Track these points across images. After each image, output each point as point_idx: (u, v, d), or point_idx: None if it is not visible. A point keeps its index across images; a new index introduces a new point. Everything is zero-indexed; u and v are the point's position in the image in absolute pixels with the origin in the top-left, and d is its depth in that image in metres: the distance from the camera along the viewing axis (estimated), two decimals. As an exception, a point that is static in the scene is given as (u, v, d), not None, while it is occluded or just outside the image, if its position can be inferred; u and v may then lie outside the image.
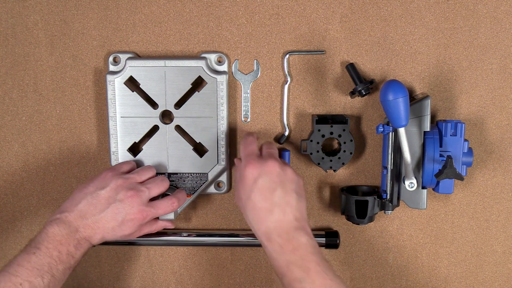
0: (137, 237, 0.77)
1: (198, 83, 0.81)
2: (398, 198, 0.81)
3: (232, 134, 0.85)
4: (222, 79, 0.80)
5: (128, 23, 0.83)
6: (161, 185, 0.77)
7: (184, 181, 0.83)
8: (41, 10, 0.83)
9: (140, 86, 0.81)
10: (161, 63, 0.80)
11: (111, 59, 0.82)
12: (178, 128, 0.82)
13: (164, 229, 0.82)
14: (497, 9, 0.81)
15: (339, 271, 0.88)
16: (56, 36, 0.83)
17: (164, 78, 0.80)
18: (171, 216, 0.79)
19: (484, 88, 0.82)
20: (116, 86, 0.80)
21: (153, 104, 0.82)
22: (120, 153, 0.82)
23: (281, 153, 0.83)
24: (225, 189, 0.85)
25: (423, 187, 0.80)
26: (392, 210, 0.80)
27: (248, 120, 0.84)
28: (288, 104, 0.84)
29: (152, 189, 0.75)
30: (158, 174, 0.81)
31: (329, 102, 0.84)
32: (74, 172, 0.87)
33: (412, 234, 0.86)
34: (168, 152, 0.82)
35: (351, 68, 0.80)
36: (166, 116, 0.83)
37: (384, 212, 0.81)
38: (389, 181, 0.79)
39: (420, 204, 0.81)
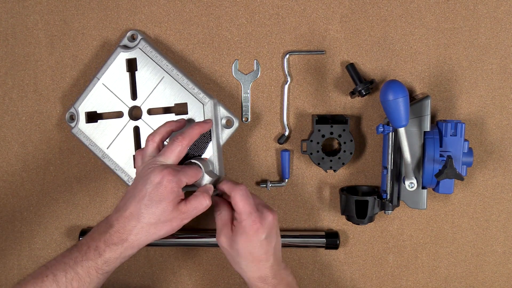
0: (188, 218, 0.70)
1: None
2: (398, 198, 0.81)
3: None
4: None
5: (128, 23, 0.83)
6: (174, 149, 0.69)
7: None
8: (41, 10, 0.83)
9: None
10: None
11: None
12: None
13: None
14: (497, 9, 0.81)
15: (339, 271, 0.88)
16: (56, 36, 0.83)
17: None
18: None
19: (484, 88, 0.82)
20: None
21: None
22: None
23: (281, 153, 0.83)
24: None
25: (423, 187, 0.80)
26: (392, 210, 0.80)
27: (248, 120, 0.84)
28: (288, 104, 0.84)
29: (166, 154, 0.69)
30: None
31: (329, 102, 0.84)
32: (74, 172, 0.87)
33: (412, 234, 0.86)
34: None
35: (351, 68, 0.80)
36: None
37: (384, 212, 0.81)
38: (389, 181, 0.79)
39: (420, 204, 0.81)
